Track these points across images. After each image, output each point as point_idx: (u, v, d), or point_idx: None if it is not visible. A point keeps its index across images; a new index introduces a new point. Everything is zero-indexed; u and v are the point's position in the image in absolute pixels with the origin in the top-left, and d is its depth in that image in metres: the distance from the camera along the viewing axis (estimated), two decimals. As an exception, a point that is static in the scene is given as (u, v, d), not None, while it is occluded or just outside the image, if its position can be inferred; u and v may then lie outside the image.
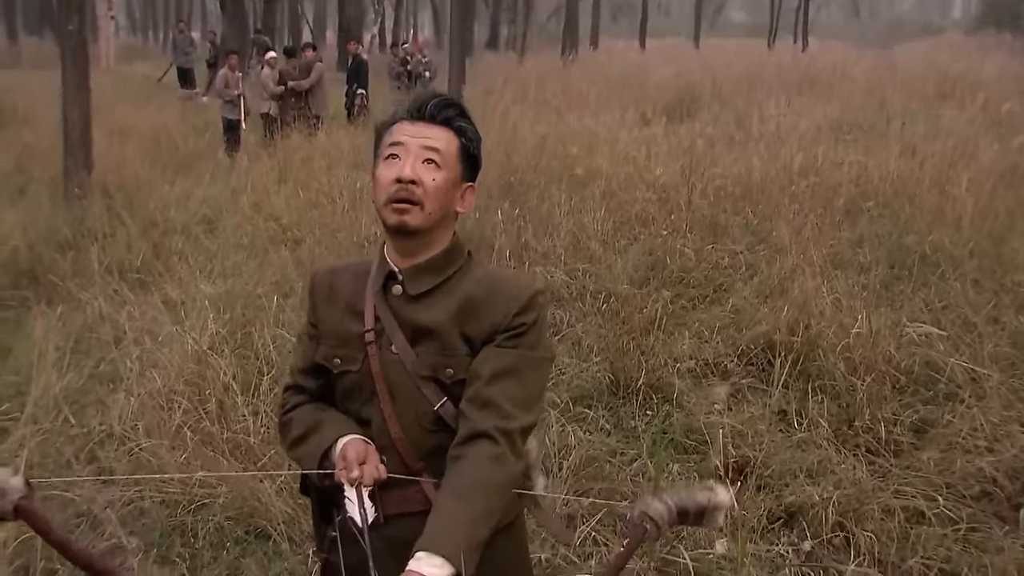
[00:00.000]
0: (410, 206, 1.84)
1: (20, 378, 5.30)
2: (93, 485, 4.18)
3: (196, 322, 5.32)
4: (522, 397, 1.85)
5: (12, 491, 1.53)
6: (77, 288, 6.55)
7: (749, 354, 5.36)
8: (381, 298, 1.94)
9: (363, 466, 1.81)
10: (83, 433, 4.63)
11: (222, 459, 3.98)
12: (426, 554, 1.61)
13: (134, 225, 7.89)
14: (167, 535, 3.81)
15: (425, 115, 1.90)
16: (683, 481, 4.17)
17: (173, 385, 4.51)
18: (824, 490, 3.91)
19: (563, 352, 5.55)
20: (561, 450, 4.27)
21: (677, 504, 1.79)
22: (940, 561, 3.58)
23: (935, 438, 4.42)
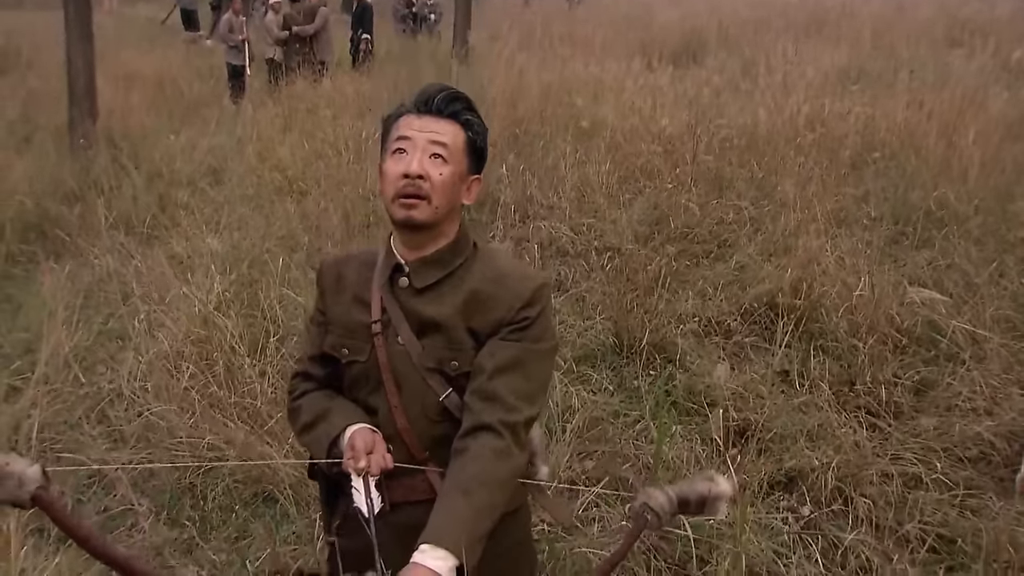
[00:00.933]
0: (417, 201, 1.84)
1: (30, 335, 5.34)
2: (104, 446, 4.24)
3: (202, 281, 5.33)
4: (526, 390, 1.87)
5: (30, 481, 1.57)
6: (84, 243, 6.55)
7: (752, 313, 5.35)
8: (388, 290, 1.95)
9: (370, 456, 1.84)
10: (93, 392, 4.68)
11: (230, 423, 4.01)
12: (430, 547, 1.63)
13: (140, 177, 7.85)
14: (176, 497, 3.85)
15: (432, 109, 1.90)
16: (685, 444, 4.19)
17: (180, 347, 4.53)
18: (824, 455, 3.93)
19: (567, 310, 5.56)
20: (565, 412, 4.29)
21: (678, 495, 1.83)
22: (936, 526, 3.62)
23: (935, 400, 4.43)
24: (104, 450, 4.19)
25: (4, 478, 1.57)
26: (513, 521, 2.02)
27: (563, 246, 6.40)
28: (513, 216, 6.79)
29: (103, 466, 3.92)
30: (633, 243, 6.26)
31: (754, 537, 3.41)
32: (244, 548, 3.61)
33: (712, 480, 1.86)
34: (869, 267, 5.48)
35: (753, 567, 3.34)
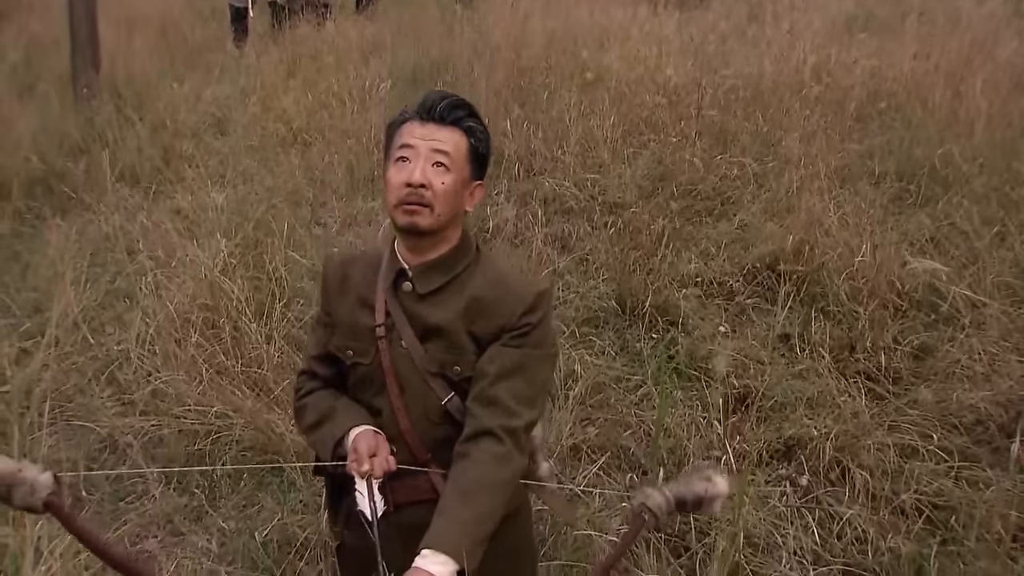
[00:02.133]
0: (420, 208, 1.86)
1: (39, 294, 5.37)
2: (114, 410, 4.29)
3: (207, 242, 5.34)
4: (527, 395, 1.90)
5: (41, 488, 1.60)
6: (90, 199, 6.55)
7: (754, 275, 5.35)
8: (391, 294, 1.97)
9: (373, 459, 1.87)
10: (102, 353, 4.72)
11: (237, 391, 4.04)
12: (431, 552, 1.67)
13: (144, 128, 7.81)
14: (185, 464, 3.90)
15: (435, 116, 1.91)
16: (686, 410, 4.23)
17: (187, 312, 4.55)
18: (823, 424, 3.97)
19: (571, 270, 5.56)
20: (568, 378, 4.32)
21: (675, 495, 1.85)
22: (932, 496, 3.67)
23: (934, 367, 4.45)
24: (113, 415, 4.24)
25: (17, 485, 1.59)
26: (514, 522, 2.06)
27: (567, 202, 6.38)
28: (517, 171, 6.74)
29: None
30: (637, 199, 6.25)
31: (752, 509, 3.45)
32: (253, 515, 3.67)
33: (709, 480, 1.88)
34: (872, 227, 5.48)
35: (751, 538, 3.39)
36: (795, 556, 3.36)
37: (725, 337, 4.80)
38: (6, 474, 1.60)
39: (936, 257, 5.10)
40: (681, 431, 4.00)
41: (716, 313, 5.09)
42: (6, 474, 1.60)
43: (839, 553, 3.39)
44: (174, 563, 3.42)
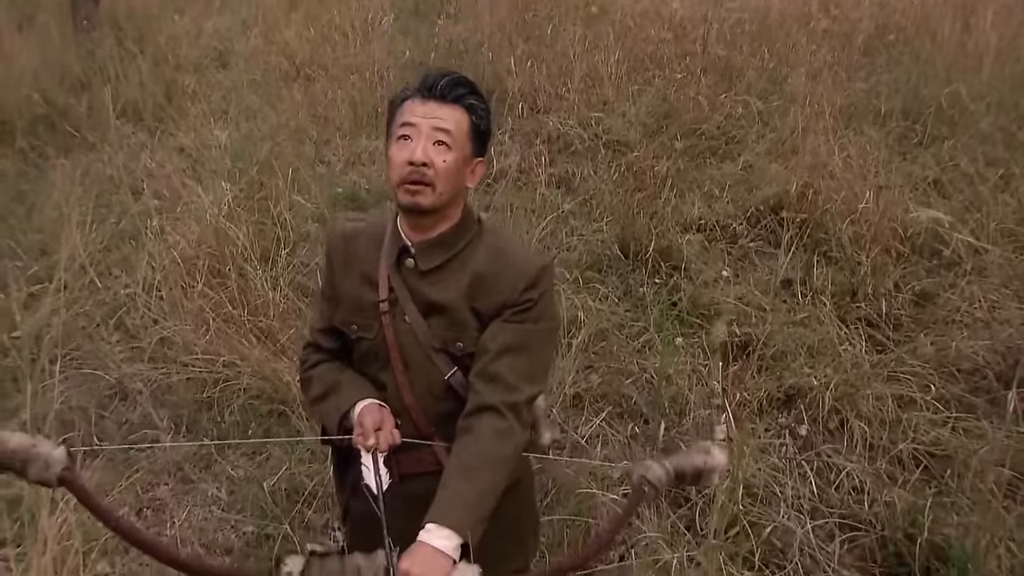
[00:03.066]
0: (422, 187, 1.85)
1: (44, 236, 5.36)
2: (122, 355, 4.32)
3: (212, 183, 5.32)
4: (527, 370, 1.91)
5: (56, 463, 1.61)
6: (94, 137, 6.50)
7: (758, 218, 5.33)
8: (395, 270, 1.97)
9: (378, 432, 1.88)
10: (110, 297, 4.73)
11: (243, 341, 4.06)
12: (435, 526, 1.69)
13: (145, 62, 7.70)
14: (194, 413, 3.94)
15: (436, 94, 1.88)
16: (688, 357, 4.25)
17: (192, 258, 4.55)
18: (823, 373, 3.99)
19: (574, 212, 5.54)
20: (571, 325, 4.34)
21: (675, 467, 1.87)
22: (929, 445, 3.71)
23: (934, 314, 4.46)
24: (122, 360, 4.26)
25: (32, 460, 1.61)
26: (516, 492, 2.08)
27: (571, 141, 6.32)
28: (521, 109, 6.67)
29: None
30: (641, 138, 6.19)
31: (752, 460, 3.49)
32: (262, 463, 3.71)
33: (708, 452, 1.89)
34: (876, 169, 5.44)
35: (750, 488, 3.43)
36: (792, 507, 3.40)
37: (728, 283, 4.80)
38: (20, 449, 1.61)
39: (939, 203, 5.08)
40: (682, 380, 4.02)
41: (719, 257, 5.08)
42: (20, 449, 1.61)
43: (836, 504, 3.43)
44: (185, 511, 3.48)
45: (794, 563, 3.15)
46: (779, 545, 3.24)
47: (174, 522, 3.43)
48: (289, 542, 3.31)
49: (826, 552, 3.22)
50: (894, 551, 3.24)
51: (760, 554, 3.18)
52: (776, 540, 3.25)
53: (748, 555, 3.14)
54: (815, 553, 3.21)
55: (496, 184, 5.64)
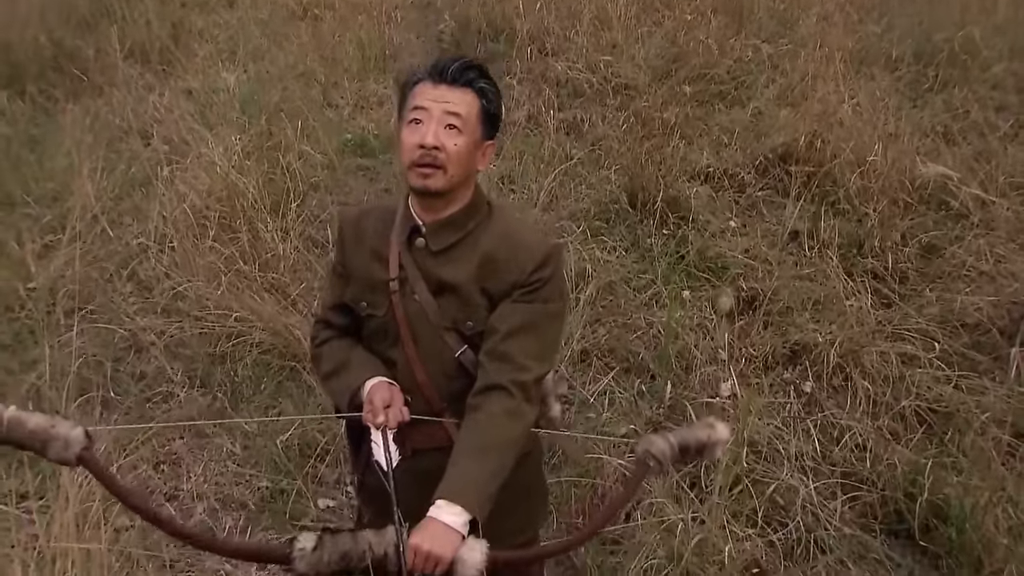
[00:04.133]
0: (433, 170, 1.85)
1: (56, 184, 5.34)
2: (135, 306, 4.33)
3: (221, 131, 5.28)
4: (536, 350, 1.92)
5: (75, 443, 1.65)
6: (102, 80, 6.43)
7: (766, 167, 5.29)
8: (406, 249, 1.97)
9: (388, 410, 1.90)
10: (122, 247, 4.73)
11: (256, 296, 4.07)
12: (445, 503, 1.73)
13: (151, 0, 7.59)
14: (208, 367, 3.97)
15: (447, 78, 1.87)
16: (695, 311, 4.25)
17: (203, 212, 4.53)
18: (828, 330, 3.99)
19: (583, 159, 5.49)
20: (579, 279, 4.33)
21: (679, 442, 1.90)
22: (932, 402, 3.72)
23: (940, 268, 4.44)
24: (135, 312, 4.28)
25: (52, 440, 1.64)
26: (525, 463, 2.10)
27: (580, 86, 6.24)
28: (530, 52, 6.58)
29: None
30: (650, 81, 6.11)
31: (756, 418, 3.50)
32: (276, 415, 3.74)
33: (712, 427, 1.92)
34: (885, 117, 5.37)
35: (754, 446, 3.45)
36: (796, 464, 3.43)
37: (735, 234, 4.78)
38: (40, 430, 1.64)
39: (948, 154, 5.01)
40: (689, 335, 4.03)
41: (727, 207, 5.05)
42: (40, 430, 1.64)
43: (839, 462, 3.46)
44: (201, 466, 3.52)
45: (796, 521, 3.19)
46: (782, 503, 3.27)
47: (190, 476, 3.47)
48: (303, 497, 3.36)
49: (828, 510, 3.26)
50: (894, 509, 3.28)
51: (763, 511, 3.22)
52: (779, 498, 3.28)
53: (751, 513, 3.18)
54: (817, 511, 3.24)
55: (506, 131, 5.59)
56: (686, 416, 3.53)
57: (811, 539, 3.15)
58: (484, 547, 1.69)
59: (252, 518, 3.30)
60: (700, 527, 3.02)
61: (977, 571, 2.99)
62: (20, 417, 1.64)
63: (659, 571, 2.89)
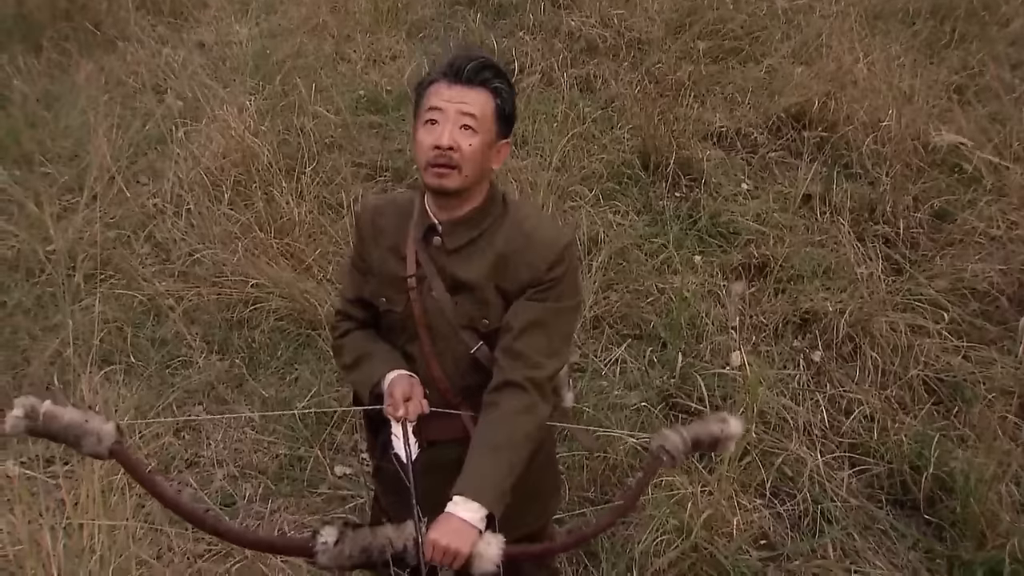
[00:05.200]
0: (448, 170, 1.85)
1: (72, 144, 5.32)
2: (153, 268, 4.35)
3: (235, 88, 5.24)
4: (551, 346, 1.94)
5: (107, 437, 1.69)
6: (115, 33, 6.36)
7: (780, 126, 5.23)
8: (423, 246, 1.98)
9: (408, 403, 1.92)
10: (138, 206, 4.72)
11: (272, 263, 4.07)
12: (462, 499, 1.76)
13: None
14: (225, 332, 3.99)
15: (462, 78, 1.86)
16: (704, 276, 4.24)
17: (217, 175, 4.51)
18: (838, 298, 3.97)
19: (594, 116, 5.43)
20: (592, 245, 4.31)
21: (692, 436, 1.92)
22: (939, 372, 3.72)
23: (951, 233, 4.41)
24: (153, 275, 4.29)
25: (86, 435, 1.68)
26: (537, 455, 2.12)
27: (592, 40, 6.15)
28: (542, 6, 6.47)
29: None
30: (663, 36, 6.01)
31: (766, 388, 3.51)
32: (292, 383, 3.77)
33: (724, 421, 1.94)
34: (901, 75, 5.28)
35: (763, 415, 3.47)
36: (804, 434, 3.45)
37: (747, 198, 4.74)
38: (74, 424, 1.68)
39: (962, 118, 4.92)
40: (700, 303, 4.02)
41: (739, 169, 5.01)
42: (74, 424, 1.68)
43: (847, 433, 3.47)
44: (220, 432, 3.56)
45: (803, 493, 3.21)
46: (790, 474, 3.30)
47: (210, 444, 3.51)
48: (320, 465, 3.40)
49: (835, 481, 3.28)
50: (900, 481, 3.30)
51: (771, 483, 3.24)
52: (787, 469, 3.31)
53: (758, 485, 3.21)
54: (824, 482, 3.26)
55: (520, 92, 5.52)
56: (696, 387, 3.54)
57: (818, 510, 3.17)
58: (500, 542, 1.72)
59: (271, 486, 3.34)
60: (709, 499, 3.04)
61: (980, 544, 3.02)
62: (55, 411, 1.67)
63: (669, 544, 2.92)
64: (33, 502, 2.82)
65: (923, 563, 3.07)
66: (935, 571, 3.04)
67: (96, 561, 2.72)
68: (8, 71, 5.98)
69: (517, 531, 1.96)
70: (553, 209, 4.43)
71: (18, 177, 4.96)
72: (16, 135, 5.34)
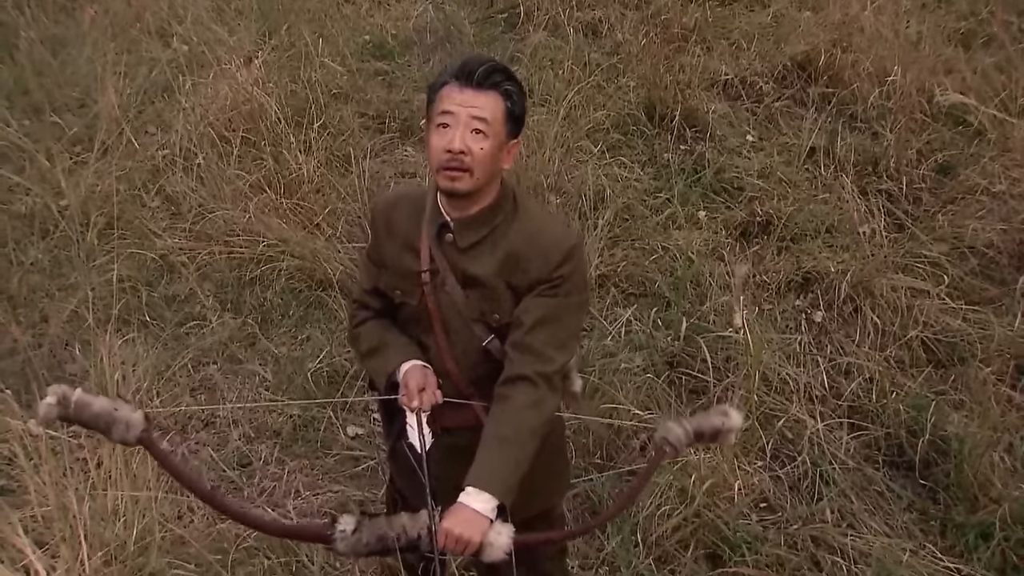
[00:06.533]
0: (460, 173, 1.86)
1: (80, 92, 5.25)
2: (164, 222, 4.32)
3: (243, 35, 5.14)
4: (559, 340, 1.97)
5: (135, 426, 1.74)
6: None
7: (785, 75, 5.14)
8: (436, 243, 1.99)
9: (422, 393, 1.96)
10: (148, 157, 4.68)
11: (282, 223, 4.05)
12: (475, 490, 1.81)
13: None
14: (238, 291, 3.99)
15: (473, 82, 1.86)
16: (708, 232, 4.22)
17: (225, 128, 4.45)
18: (840, 259, 3.96)
19: (601, 62, 5.33)
20: (597, 202, 4.28)
21: (694, 428, 1.96)
22: (938, 332, 3.73)
23: (954, 189, 4.37)
24: (164, 229, 4.27)
25: (115, 423, 1.73)
26: (547, 440, 2.16)
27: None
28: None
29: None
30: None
31: (768, 348, 3.52)
32: (303, 343, 3.79)
33: (726, 414, 1.96)
34: (908, 21, 5.17)
35: (766, 377, 3.48)
36: (805, 396, 3.46)
37: (752, 150, 4.69)
38: (104, 413, 1.72)
39: (967, 69, 4.83)
40: (704, 262, 4.00)
41: (744, 120, 4.94)
42: (104, 413, 1.72)
43: (846, 395, 3.48)
44: (235, 393, 3.58)
45: (803, 456, 3.24)
46: (790, 436, 3.33)
47: (226, 404, 3.53)
48: (332, 425, 3.43)
49: (834, 443, 3.30)
50: (896, 444, 3.33)
51: (771, 446, 3.28)
52: (788, 431, 3.33)
53: (758, 451, 3.24)
54: (823, 444, 3.29)
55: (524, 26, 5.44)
56: (699, 349, 3.54)
57: (817, 473, 3.21)
58: (510, 531, 1.77)
59: (285, 446, 3.38)
60: (710, 464, 3.07)
61: (973, 508, 3.07)
62: (86, 400, 1.72)
63: (672, 512, 2.96)
64: (57, 463, 2.86)
65: (917, 524, 3.12)
66: (928, 532, 3.10)
67: (121, 525, 2.79)
68: (13, 15, 5.86)
69: (528, 511, 2.04)
70: (560, 165, 4.38)
71: (27, 128, 4.89)
72: (23, 83, 5.26)
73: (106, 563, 2.68)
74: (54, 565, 2.59)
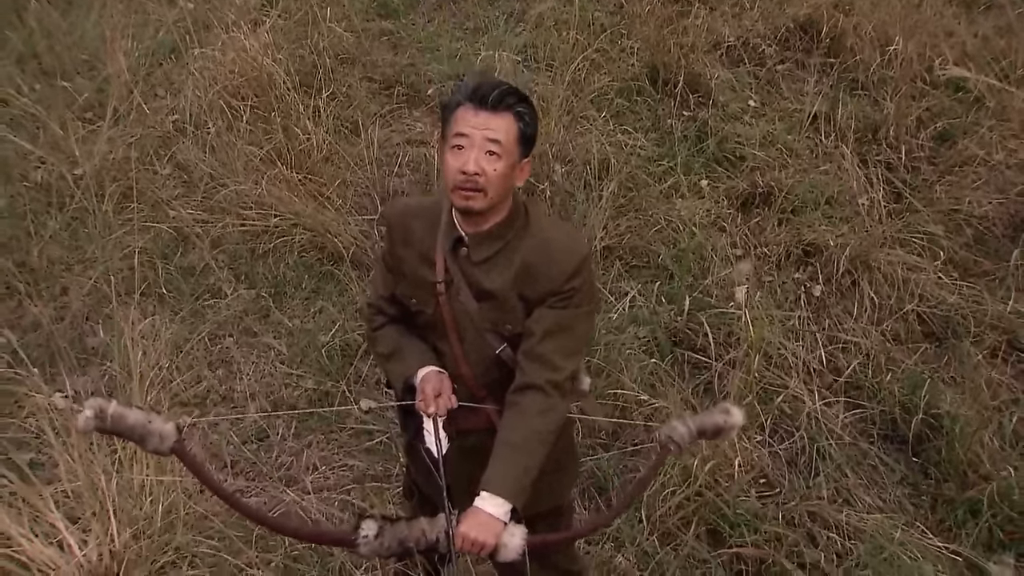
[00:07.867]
0: (475, 193, 1.89)
1: (88, 55, 5.16)
2: (176, 191, 4.29)
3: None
4: (569, 349, 2.00)
5: (168, 436, 1.78)
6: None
7: (787, 36, 5.04)
8: (451, 255, 2.01)
9: (438, 399, 2.00)
10: (158, 123, 4.63)
11: (293, 196, 4.02)
12: (489, 495, 1.86)
13: None
14: (251, 264, 3.97)
15: (487, 105, 1.88)
16: (710, 202, 4.19)
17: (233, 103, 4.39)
18: (839, 231, 3.94)
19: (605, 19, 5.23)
20: (601, 173, 4.24)
21: (697, 426, 2.00)
22: (933, 306, 3.73)
23: (952, 158, 4.32)
24: (176, 198, 4.24)
25: (149, 435, 1.77)
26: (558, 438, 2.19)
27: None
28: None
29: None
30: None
31: (768, 324, 3.52)
32: (316, 315, 3.79)
33: (727, 412, 1.99)
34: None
35: (765, 352, 3.49)
36: (803, 372, 3.48)
37: (754, 116, 4.63)
38: (138, 425, 1.76)
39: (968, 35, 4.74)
40: (706, 233, 3.98)
41: (746, 84, 4.87)
42: (138, 425, 1.76)
43: (843, 370, 3.50)
44: (251, 367, 3.60)
45: (801, 432, 3.27)
46: (789, 412, 3.35)
47: (241, 378, 3.55)
48: (347, 399, 3.46)
49: (831, 419, 3.33)
50: (891, 419, 3.36)
51: (770, 421, 3.31)
52: (786, 407, 3.36)
53: (759, 427, 3.27)
54: (820, 419, 3.32)
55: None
56: (702, 325, 3.55)
57: (814, 449, 3.25)
58: (523, 533, 1.83)
59: (301, 421, 3.40)
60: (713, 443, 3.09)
61: (962, 485, 3.11)
62: (122, 412, 1.75)
63: (675, 491, 3.00)
64: (84, 439, 2.88)
65: (909, 499, 3.17)
66: (919, 507, 3.15)
67: (148, 502, 2.83)
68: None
69: (539, 507, 2.09)
70: (565, 134, 4.33)
71: (39, 94, 4.82)
72: (33, 46, 5.16)
73: (135, 537, 2.73)
74: (86, 540, 2.65)
